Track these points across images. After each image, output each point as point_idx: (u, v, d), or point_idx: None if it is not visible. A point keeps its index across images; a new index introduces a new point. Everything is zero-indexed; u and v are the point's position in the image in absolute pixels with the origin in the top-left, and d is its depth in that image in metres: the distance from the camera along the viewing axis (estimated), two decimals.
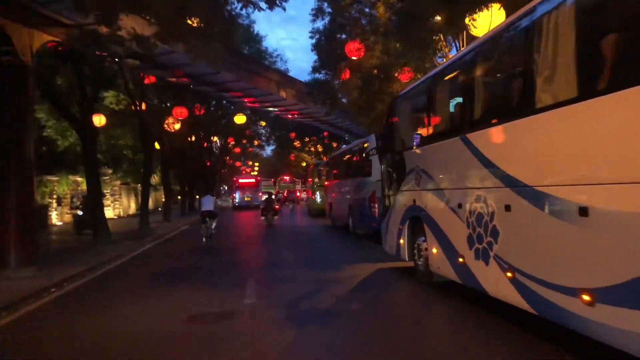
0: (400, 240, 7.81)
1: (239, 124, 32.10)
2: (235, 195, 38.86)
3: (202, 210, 13.80)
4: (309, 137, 51.69)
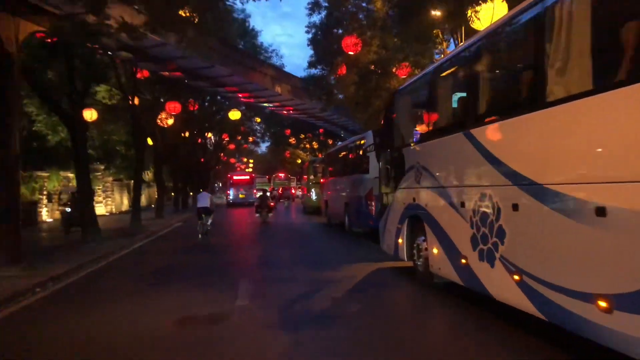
0: (398, 239, 7.56)
1: (233, 119, 31.79)
2: (229, 192, 38.58)
3: (198, 206, 14.01)
4: (304, 134, 51.39)
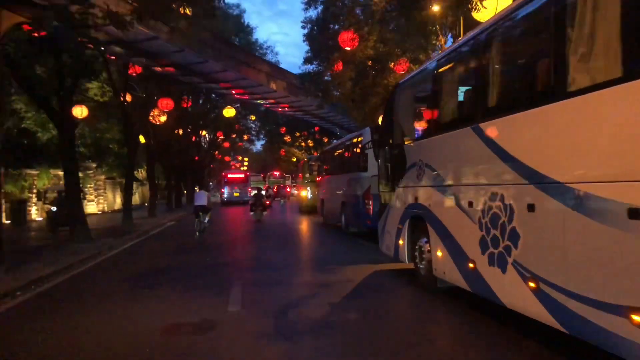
0: (399, 240, 7.19)
1: (228, 117, 31.31)
2: (223, 190, 38.14)
3: (196, 205, 14.25)
4: (299, 132, 50.89)
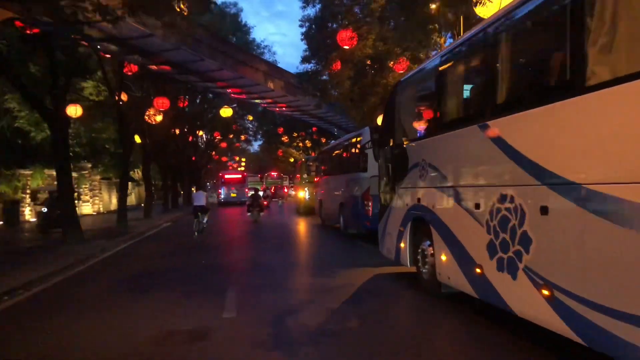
0: (400, 243, 6.93)
1: (225, 117, 31.03)
2: (220, 191, 37.90)
3: (195, 205, 14.62)
4: (297, 132, 50.64)
